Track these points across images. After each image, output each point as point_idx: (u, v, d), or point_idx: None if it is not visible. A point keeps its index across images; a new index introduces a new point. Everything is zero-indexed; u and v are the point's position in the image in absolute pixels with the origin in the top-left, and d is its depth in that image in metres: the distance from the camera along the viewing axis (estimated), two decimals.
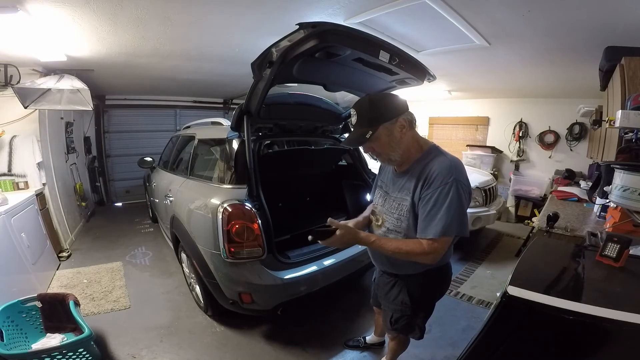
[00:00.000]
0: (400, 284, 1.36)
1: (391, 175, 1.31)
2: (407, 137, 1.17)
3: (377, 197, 1.37)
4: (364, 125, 1.16)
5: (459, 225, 1.07)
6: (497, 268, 3.19)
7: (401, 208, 1.20)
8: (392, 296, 1.39)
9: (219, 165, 2.25)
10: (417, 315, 1.39)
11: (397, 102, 1.17)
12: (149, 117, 5.87)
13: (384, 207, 1.29)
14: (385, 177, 1.36)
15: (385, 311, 1.47)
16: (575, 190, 3.30)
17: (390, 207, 1.25)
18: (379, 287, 1.48)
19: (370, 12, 2.04)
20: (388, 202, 1.27)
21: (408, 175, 1.20)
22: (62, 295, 2.04)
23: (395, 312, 1.39)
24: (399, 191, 1.22)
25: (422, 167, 1.15)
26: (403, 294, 1.35)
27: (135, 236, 4.11)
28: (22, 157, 3.06)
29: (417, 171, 1.16)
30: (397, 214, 1.21)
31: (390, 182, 1.30)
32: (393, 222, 1.23)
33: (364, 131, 1.14)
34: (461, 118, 5.75)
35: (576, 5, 1.80)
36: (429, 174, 1.11)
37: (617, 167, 1.74)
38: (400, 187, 1.23)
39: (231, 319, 2.22)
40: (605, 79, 2.52)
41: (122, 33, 2.34)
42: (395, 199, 1.24)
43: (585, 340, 0.81)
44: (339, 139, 2.81)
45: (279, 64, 1.50)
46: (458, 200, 1.06)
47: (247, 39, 2.57)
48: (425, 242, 1.09)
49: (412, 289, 1.34)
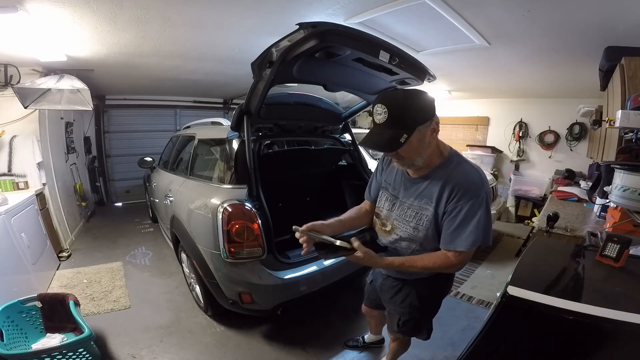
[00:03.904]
0: (407, 288, 1.32)
1: (402, 178, 1.20)
2: (434, 141, 1.08)
3: (382, 200, 1.28)
4: (397, 126, 0.99)
5: (486, 236, 1.04)
6: (497, 268, 3.19)
7: (420, 217, 1.12)
8: (399, 300, 1.35)
9: (219, 165, 2.25)
10: (426, 317, 1.39)
11: (431, 102, 1.03)
12: (149, 117, 5.87)
13: (394, 212, 1.21)
14: (391, 178, 1.25)
15: (391, 314, 1.44)
16: (575, 190, 3.30)
17: (405, 215, 1.16)
18: (383, 291, 1.44)
19: (370, 12, 2.04)
20: (400, 208, 1.18)
21: (428, 182, 1.10)
22: (62, 295, 2.04)
23: (403, 315, 1.36)
24: (416, 199, 1.13)
25: (447, 176, 1.06)
26: (412, 297, 1.31)
27: (135, 236, 4.11)
28: (22, 157, 3.06)
29: (440, 179, 1.07)
30: (415, 223, 1.13)
31: (401, 187, 1.19)
32: (408, 231, 1.16)
33: (398, 134, 0.98)
34: (461, 118, 5.75)
35: (576, 5, 1.80)
36: (457, 184, 1.03)
37: (617, 167, 1.74)
38: (417, 194, 1.13)
39: (231, 319, 2.22)
40: (605, 79, 2.52)
41: (122, 33, 2.34)
42: (411, 207, 1.15)
43: (585, 340, 0.81)
44: (339, 139, 2.81)
45: (279, 64, 1.50)
46: (487, 213, 1.03)
47: (247, 39, 2.57)
48: (452, 254, 1.06)
49: (422, 291, 1.31)
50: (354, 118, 3.31)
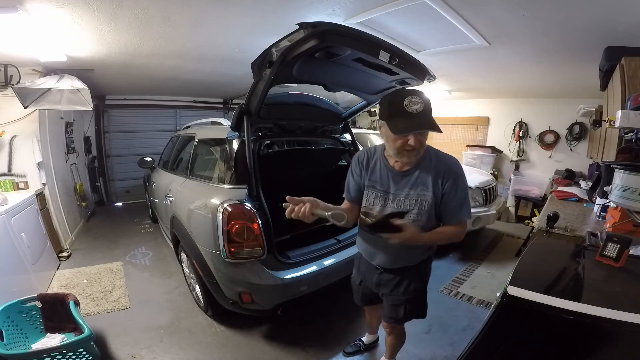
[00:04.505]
0: (408, 275, 1.40)
1: (388, 174, 1.31)
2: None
3: (370, 198, 1.34)
4: (430, 115, 1.17)
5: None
6: (497, 268, 3.19)
7: (421, 203, 1.25)
8: (401, 289, 1.41)
9: (219, 165, 2.25)
10: (426, 295, 1.50)
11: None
12: (149, 117, 5.87)
13: (389, 206, 1.30)
14: (376, 177, 1.33)
15: (394, 305, 1.46)
16: (575, 190, 3.30)
17: (404, 205, 1.27)
18: (381, 286, 1.47)
19: (370, 12, 2.04)
20: (396, 200, 1.28)
21: (418, 172, 1.26)
22: (62, 295, 2.04)
23: (408, 302, 1.43)
24: (412, 188, 1.26)
25: (434, 163, 1.25)
26: (415, 282, 1.41)
27: (135, 236, 4.11)
28: (22, 157, 3.06)
29: (428, 168, 1.25)
30: (418, 209, 1.26)
31: (391, 181, 1.30)
32: (411, 217, 1.26)
33: (434, 119, 1.17)
34: (461, 118, 5.75)
35: (576, 6, 1.80)
36: (446, 171, 1.24)
37: (617, 167, 1.74)
38: (411, 184, 1.26)
39: (231, 319, 2.22)
40: (605, 79, 2.52)
41: (122, 33, 2.34)
42: (408, 196, 1.27)
43: (585, 340, 0.81)
44: (339, 139, 2.81)
45: (279, 64, 1.50)
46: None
47: (247, 39, 2.57)
48: (459, 224, 1.29)
49: (424, 273, 1.46)
50: (354, 118, 3.31)
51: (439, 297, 2.62)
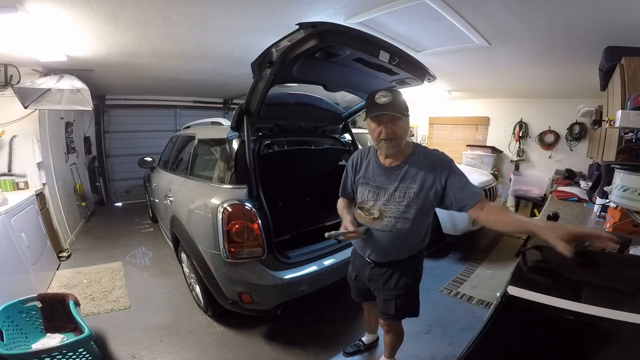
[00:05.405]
0: (399, 269, 1.43)
1: (380, 170, 1.38)
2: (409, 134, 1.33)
3: (364, 194, 1.41)
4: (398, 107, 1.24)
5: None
6: (497, 268, 3.18)
7: (409, 195, 1.30)
8: (392, 283, 1.44)
9: (219, 165, 2.25)
10: (418, 293, 1.51)
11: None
12: (149, 117, 5.87)
13: (381, 200, 1.36)
14: (369, 174, 1.41)
15: (385, 300, 1.48)
16: (575, 190, 3.29)
17: (394, 197, 1.33)
18: (372, 280, 1.49)
19: (370, 12, 2.04)
20: (387, 194, 1.34)
21: (407, 167, 1.32)
22: (62, 295, 2.04)
23: (399, 297, 1.44)
24: (401, 182, 1.32)
25: (424, 158, 1.32)
26: (406, 277, 1.44)
27: (135, 236, 4.11)
28: (22, 157, 3.07)
29: (419, 162, 1.32)
30: (406, 201, 1.31)
31: (382, 177, 1.37)
32: (400, 209, 1.32)
33: (401, 111, 1.24)
34: (461, 118, 5.75)
35: (576, 6, 1.80)
36: (437, 163, 1.30)
37: (617, 167, 1.74)
38: (400, 178, 1.32)
39: (231, 319, 2.22)
40: (605, 79, 2.52)
41: (122, 33, 2.34)
42: (397, 189, 1.32)
43: (585, 340, 0.81)
44: (339, 139, 2.81)
45: (279, 64, 1.50)
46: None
47: (247, 39, 2.57)
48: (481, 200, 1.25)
49: (414, 269, 1.47)
50: (353, 118, 3.31)
51: (439, 297, 2.62)
